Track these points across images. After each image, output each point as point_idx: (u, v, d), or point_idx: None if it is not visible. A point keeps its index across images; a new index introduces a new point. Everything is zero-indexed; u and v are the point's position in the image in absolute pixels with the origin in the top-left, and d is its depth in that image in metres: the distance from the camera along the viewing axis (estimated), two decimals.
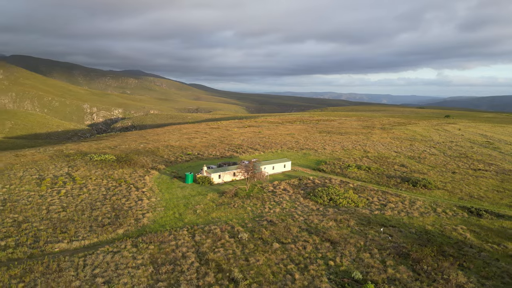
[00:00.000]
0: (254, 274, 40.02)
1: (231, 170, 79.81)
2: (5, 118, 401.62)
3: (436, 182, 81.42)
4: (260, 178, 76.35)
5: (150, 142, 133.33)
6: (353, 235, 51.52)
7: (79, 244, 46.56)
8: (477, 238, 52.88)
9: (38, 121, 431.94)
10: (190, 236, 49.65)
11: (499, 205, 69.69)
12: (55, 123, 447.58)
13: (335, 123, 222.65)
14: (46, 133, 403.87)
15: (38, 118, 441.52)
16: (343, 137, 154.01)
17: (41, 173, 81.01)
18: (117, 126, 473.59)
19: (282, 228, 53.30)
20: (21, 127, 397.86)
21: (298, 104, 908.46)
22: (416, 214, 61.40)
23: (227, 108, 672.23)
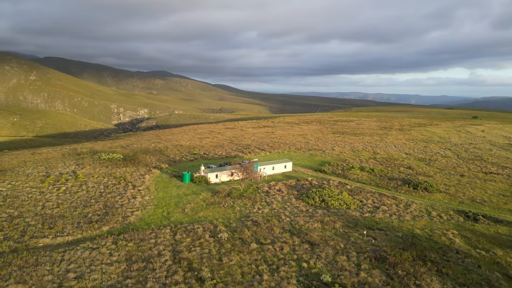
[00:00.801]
0: (223, 274, 40.24)
1: (228, 170, 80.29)
2: (37, 117, 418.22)
3: (439, 185, 78.87)
4: (255, 179, 76.37)
5: (162, 142, 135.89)
6: (335, 237, 50.80)
7: (62, 240, 48.29)
8: (467, 243, 50.93)
9: (67, 121, 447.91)
10: (171, 234, 50.44)
11: (501, 210, 66.76)
12: (83, 122, 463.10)
13: (353, 124, 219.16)
14: (75, 132, 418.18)
15: (67, 117, 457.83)
16: (356, 138, 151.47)
17: (49, 170, 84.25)
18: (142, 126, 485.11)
19: (265, 228, 53.24)
20: (51, 126, 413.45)
21: (322, 105, 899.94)
22: (408, 218, 59.79)
23: (250, 109, 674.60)
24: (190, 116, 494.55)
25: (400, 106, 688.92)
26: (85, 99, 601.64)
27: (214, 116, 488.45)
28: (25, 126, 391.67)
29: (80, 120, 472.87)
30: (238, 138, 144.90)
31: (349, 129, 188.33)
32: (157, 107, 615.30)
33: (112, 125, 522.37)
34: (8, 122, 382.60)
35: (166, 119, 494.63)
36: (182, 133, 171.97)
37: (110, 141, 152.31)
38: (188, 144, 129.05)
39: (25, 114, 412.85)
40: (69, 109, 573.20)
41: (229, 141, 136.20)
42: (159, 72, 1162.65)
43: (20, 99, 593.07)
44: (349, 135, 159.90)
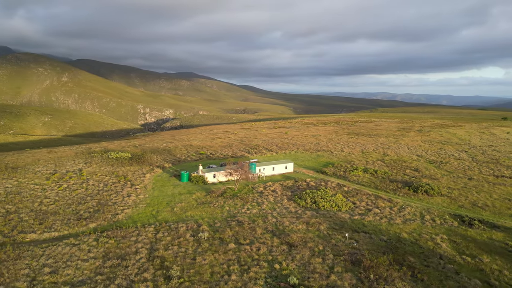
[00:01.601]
0: (192, 273, 40.63)
1: (226, 170, 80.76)
2: (66, 117, 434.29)
3: (441, 188, 76.22)
4: (251, 179, 76.42)
5: (174, 141, 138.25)
6: (316, 239, 50.18)
7: (49, 236, 50.19)
8: (454, 249, 49.06)
9: (95, 121, 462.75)
10: (153, 233, 51.37)
11: (503, 215, 63.76)
12: (110, 122, 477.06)
13: (371, 125, 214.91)
14: (102, 131, 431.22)
15: (95, 118, 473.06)
16: (370, 139, 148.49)
17: (57, 168, 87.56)
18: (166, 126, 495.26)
19: (247, 229, 53.29)
20: (79, 126, 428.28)
21: (348, 105, 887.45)
22: (399, 221, 58.20)
23: (273, 109, 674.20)
24: (213, 117, 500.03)
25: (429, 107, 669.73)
26: (113, 100, 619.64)
27: (237, 117, 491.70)
28: (55, 125, 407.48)
29: (107, 120, 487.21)
30: (249, 139, 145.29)
31: (365, 130, 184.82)
32: (182, 108, 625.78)
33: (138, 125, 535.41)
34: (40, 122, 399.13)
35: (189, 120, 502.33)
36: (197, 133, 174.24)
37: (126, 141, 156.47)
38: (198, 144, 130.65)
39: (56, 114, 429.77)
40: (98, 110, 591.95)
41: (239, 142, 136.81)
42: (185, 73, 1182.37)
43: (53, 99, 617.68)
44: (363, 136, 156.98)
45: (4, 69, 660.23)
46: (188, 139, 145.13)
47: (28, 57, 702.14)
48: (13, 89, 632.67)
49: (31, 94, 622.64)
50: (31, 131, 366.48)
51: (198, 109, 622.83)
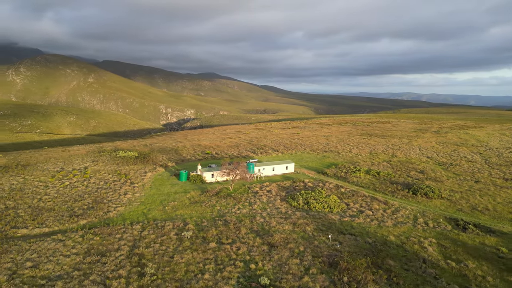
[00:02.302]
0: (167, 271, 41.17)
1: (221, 170, 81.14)
2: (91, 117, 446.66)
3: (443, 191, 74.02)
4: (248, 179, 76.57)
5: (184, 141, 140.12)
6: (299, 240, 49.82)
7: (39, 231, 51.99)
8: (440, 253, 47.61)
9: (118, 120, 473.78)
10: (139, 230, 52.32)
11: (502, 219, 61.32)
12: (133, 122, 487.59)
13: (388, 126, 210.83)
14: (124, 131, 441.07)
15: (118, 117, 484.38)
16: (383, 140, 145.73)
17: (64, 166, 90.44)
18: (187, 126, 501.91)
19: (232, 228, 53.50)
20: (103, 126, 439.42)
21: (371, 106, 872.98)
22: (389, 224, 56.98)
23: (294, 110, 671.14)
24: (232, 117, 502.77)
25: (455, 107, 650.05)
26: (137, 100, 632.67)
27: (256, 117, 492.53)
28: (80, 125, 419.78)
29: (130, 120, 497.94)
30: (259, 139, 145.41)
31: (380, 131, 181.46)
32: (203, 108, 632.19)
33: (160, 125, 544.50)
34: (65, 122, 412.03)
35: (209, 120, 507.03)
36: (210, 133, 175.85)
37: (139, 140, 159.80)
38: (207, 143, 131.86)
39: (80, 114, 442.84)
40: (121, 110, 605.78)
41: (248, 142, 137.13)
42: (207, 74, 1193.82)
43: (79, 100, 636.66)
44: (376, 137, 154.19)
45: (34, 70, 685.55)
46: (199, 139, 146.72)
47: (56, 59, 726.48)
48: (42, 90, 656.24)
49: (59, 94, 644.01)
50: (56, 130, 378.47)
51: (219, 109, 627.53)
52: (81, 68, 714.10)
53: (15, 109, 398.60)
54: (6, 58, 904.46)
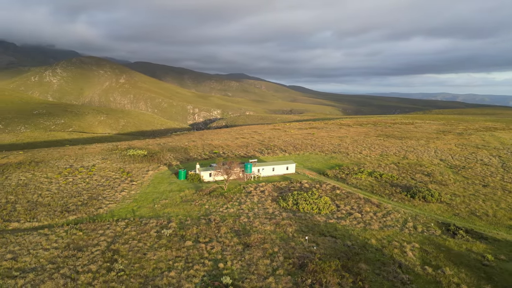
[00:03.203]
0: (136, 267, 42.01)
1: (216, 170, 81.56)
2: (120, 116, 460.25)
3: (444, 195, 71.24)
4: (245, 178, 76.78)
5: (197, 140, 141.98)
6: (276, 241, 49.48)
7: (29, 225, 54.40)
8: (420, 258, 45.87)
9: (146, 120, 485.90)
10: (123, 227, 53.64)
11: (499, 225, 58.27)
12: (160, 122, 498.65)
13: (411, 127, 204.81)
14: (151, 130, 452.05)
15: (146, 117, 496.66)
16: (399, 141, 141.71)
17: (74, 163, 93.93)
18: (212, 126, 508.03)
19: (213, 227, 53.85)
20: (131, 125, 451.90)
21: (402, 106, 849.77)
22: (376, 227, 55.48)
23: (320, 110, 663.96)
24: (257, 117, 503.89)
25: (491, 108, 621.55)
26: (165, 100, 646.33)
27: (281, 117, 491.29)
28: (109, 124, 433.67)
29: (157, 120, 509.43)
30: (271, 139, 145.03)
31: (400, 132, 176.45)
32: (229, 108, 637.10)
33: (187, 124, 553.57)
34: (96, 121, 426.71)
35: (234, 120, 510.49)
36: (226, 133, 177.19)
37: (155, 139, 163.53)
38: (218, 143, 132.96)
39: (110, 114, 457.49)
40: (150, 110, 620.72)
41: (259, 142, 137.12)
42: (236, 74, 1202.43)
43: (111, 100, 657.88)
44: (393, 139, 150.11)
45: (69, 71, 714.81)
46: (212, 138, 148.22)
47: (90, 60, 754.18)
48: (77, 90, 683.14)
49: (92, 94, 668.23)
50: (88, 129, 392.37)
51: (245, 110, 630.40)
52: (114, 69, 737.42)
53: (50, 109, 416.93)
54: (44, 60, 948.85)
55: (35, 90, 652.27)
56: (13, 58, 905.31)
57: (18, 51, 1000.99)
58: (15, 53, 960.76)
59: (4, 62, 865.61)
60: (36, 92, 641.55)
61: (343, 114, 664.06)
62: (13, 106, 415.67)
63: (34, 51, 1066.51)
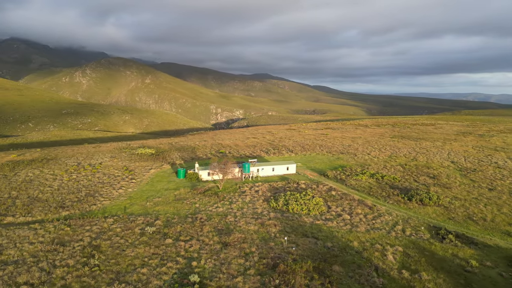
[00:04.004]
0: (111, 263, 42.95)
1: (210, 169, 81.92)
2: (144, 116, 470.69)
3: (444, 198, 68.80)
4: (236, 178, 76.94)
5: (208, 140, 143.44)
6: (256, 241, 49.40)
7: (23, 220, 56.61)
8: (400, 262, 44.58)
9: (169, 120, 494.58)
10: (110, 224, 54.90)
11: (495, 230, 55.77)
12: (183, 121, 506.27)
13: (431, 128, 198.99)
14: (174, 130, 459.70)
15: (170, 117, 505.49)
16: (413, 143, 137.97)
17: (82, 161, 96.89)
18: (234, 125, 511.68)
19: (197, 226, 54.31)
20: (155, 124, 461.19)
21: (430, 107, 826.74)
22: (362, 229, 54.34)
23: (344, 110, 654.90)
24: (279, 117, 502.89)
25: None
26: (189, 101, 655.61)
27: (303, 117, 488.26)
28: (134, 123, 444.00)
29: (180, 120, 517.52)
30: (282, 139, 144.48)
31: (417, 133, 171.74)
32: (252, 108, 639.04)
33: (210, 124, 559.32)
34: (121, 120, 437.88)
35: (256, 120, 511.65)
36: (239, 133, 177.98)
37: (169, 138, 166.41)
38: (228, 143, 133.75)
39: (135, 113, 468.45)
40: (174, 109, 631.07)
41: (269, 142, 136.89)
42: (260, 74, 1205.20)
43: (136, 100, 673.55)
44: (407, 140, 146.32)
45: (98, 72, 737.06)
46: (223, 138, 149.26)
47: (118, 61, 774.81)
48: (105, 90, 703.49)
49: (119, 94, 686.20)
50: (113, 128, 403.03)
51: (267, 110, 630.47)
52: (140, 70, 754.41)
53: (77, 108, 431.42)
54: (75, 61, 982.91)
55: (65, 90, 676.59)
56: (46, 59, 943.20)
57: (51, 53, 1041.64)
58: (48, 54, 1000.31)
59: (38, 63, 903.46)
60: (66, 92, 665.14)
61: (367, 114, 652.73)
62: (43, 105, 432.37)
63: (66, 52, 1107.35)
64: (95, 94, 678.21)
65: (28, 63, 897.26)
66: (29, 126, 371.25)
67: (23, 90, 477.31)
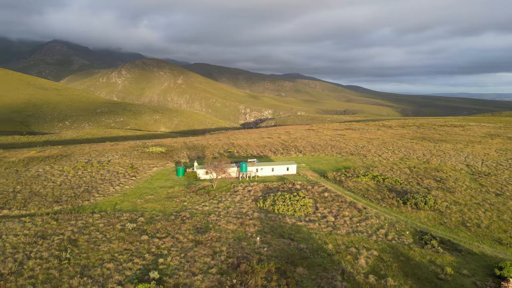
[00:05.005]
0: (82, 257, 44.24)
1: (204, 169, 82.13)
2: (174, 116, 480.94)
3: (441, 203, 65.64)
4: (231, 178, 77.09)
5: (223, 139, 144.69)
6: (230, 240, 49.39)
7: (18, 213, 59.43)
8: (371, 267, 43.08)
9: (198, 119, 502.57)
10: (95, 219, 56.51)
11: (487, 237, 52.62)
12: (211, 121, 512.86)
13: (457, 130, 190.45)
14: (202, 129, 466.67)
15: (199, 116, 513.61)
16: (432, 145, 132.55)
17: (92, 158, 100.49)
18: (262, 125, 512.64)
19: (177, 223, 54.99)
20: (184, 124, 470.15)
21: (470, 107, 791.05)
22: (343, 231, 52.95)
23: (377, 111, 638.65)
24: (307, 118, 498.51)
25: None
26: (219, 100, 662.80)
27: (331, 118, 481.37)
28: (164, 123, 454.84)
29: (209, 119, 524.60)
30: (296, 140, 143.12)
31: (441, 135, 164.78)
32: (281, 108, 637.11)
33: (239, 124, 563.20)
34: (152, 119, 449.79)
35: (284, 120, 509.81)
36: (256, 133, 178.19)
37: (185, 138, 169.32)
38: (240, 142, 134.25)
39: (165, 113, 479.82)
40: (204, 109, 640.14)
41: (281, 142, 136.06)
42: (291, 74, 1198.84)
43: (168, 100, 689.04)
44: (427, 142, 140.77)
45: (133, 73, 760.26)
46: (238, 138, 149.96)
47: (152, 62, 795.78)
48: (139, 90, 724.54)
49: (152, 94, 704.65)
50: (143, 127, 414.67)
51: (297, 110, 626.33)
52: (172, 71, 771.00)
53: (111, 108, 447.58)
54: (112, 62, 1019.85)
55: (102, 90, 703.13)
56: (86, 60, 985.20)
57: (91, 54, 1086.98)
58: (87, 56, 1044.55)
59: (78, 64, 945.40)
60: (103, 92, 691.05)
61: (401, 115, 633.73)
62: (80, 104, 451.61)
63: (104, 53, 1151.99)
64: (130, 94, 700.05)
65: (69, 65, 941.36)
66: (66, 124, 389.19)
67: (62, 90, 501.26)
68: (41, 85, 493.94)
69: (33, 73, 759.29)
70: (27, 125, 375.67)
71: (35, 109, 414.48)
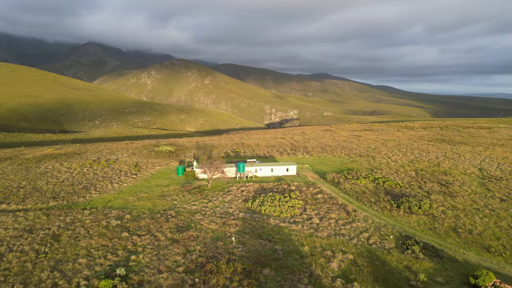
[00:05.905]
0: (60, 252, 45.57)
1: (200, 169, 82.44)
2: (199, 116, 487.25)
3: (437, 207, 62.92)
4: (226, 178, 77.21)
5: (234, 139, 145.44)
6: (206, 240, 49.57)
7: (15, 207, 62.12)
8: (342, 270, 41.96)
9: (223, 119, 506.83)
10: (85, 215, 58.13)
11: (476, 244, 50.05)
12: (236, 121, 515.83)
13: (483, 132, 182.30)
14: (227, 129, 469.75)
15: (224, 117, 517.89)
16: (449, 147, 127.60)
17: (101, 156, 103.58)
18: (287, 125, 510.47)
19: (161, 221, 55.72)
20: (209, 124, 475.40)
21: (507, 108, 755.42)
22: (324, 234, 51.95)
23: (407, 112, 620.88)
24: (333, 118, 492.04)
25: None
26: (245, 101, 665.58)
27: (357, 118, 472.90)
28: (189, 122, 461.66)
29: (233, 119, 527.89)
30: (308, 140, 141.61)
31: (463, 137, 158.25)
32: (307, 109, 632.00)
33: (264, 124, 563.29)
34: (178, 119, 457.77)
35: (309, 120, 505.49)
36: (270, 133, 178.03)
37: (199, 137, 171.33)
38: (250, 142, 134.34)
39: (191, 113, 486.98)
40: (230, 109, 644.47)
41: (292, 143, 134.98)
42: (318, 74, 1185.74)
43: (195, 100, 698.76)
44: (445, 144, 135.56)
45: (162, 73, 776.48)
46: (250, 138, 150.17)
47: (180, 63, 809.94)
48: (167, 91, 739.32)
49: (179, 95, 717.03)
50: (169, 127, 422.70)
51: (323, 110, 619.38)
52: (200, 71, 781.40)
53: (139, 107, 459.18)
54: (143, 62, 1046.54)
55: (132, 90, 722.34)
56: (119, 62, 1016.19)
57: (123, 55, 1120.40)
58: (120, 57, 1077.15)
59: (111, 65, 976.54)
60: (133, 92, 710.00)
61: (432, 116, 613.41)
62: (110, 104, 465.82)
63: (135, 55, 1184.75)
64: (158, 94, 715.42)
65: (102, 66, 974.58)
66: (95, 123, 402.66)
67: (93, 90, 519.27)
68: (74, 85, 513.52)
69: (69, 74, 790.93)
70: (59, 124, 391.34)
71: (68, 108, 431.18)
